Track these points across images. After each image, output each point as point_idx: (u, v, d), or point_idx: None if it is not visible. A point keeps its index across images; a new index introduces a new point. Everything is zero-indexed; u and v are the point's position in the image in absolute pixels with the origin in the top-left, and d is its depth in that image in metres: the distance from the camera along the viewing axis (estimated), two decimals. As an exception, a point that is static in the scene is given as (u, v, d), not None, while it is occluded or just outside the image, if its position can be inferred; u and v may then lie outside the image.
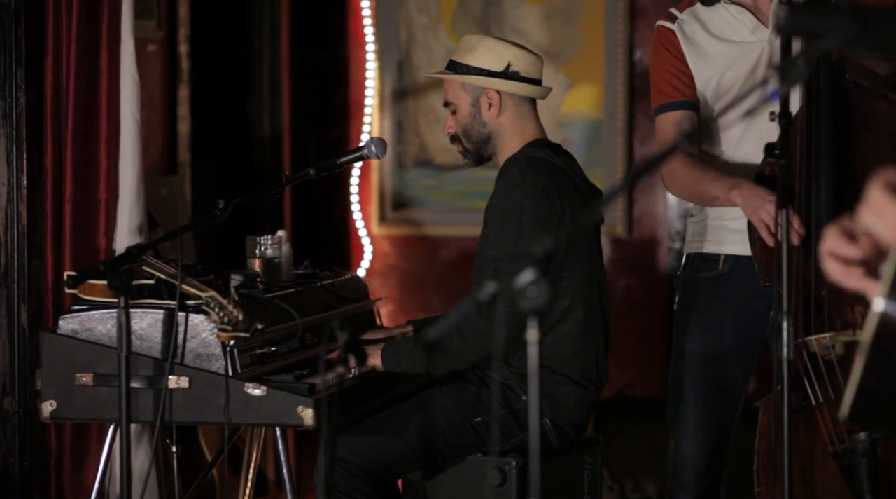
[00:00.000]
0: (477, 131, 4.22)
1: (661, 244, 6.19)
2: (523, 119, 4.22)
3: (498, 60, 4.19)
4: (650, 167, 2.52)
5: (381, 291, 5.34)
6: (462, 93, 4.23)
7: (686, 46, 4.19)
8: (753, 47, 4.11)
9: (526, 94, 4.21)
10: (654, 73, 4.28)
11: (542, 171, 4.07)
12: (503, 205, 4.04)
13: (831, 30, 2.38)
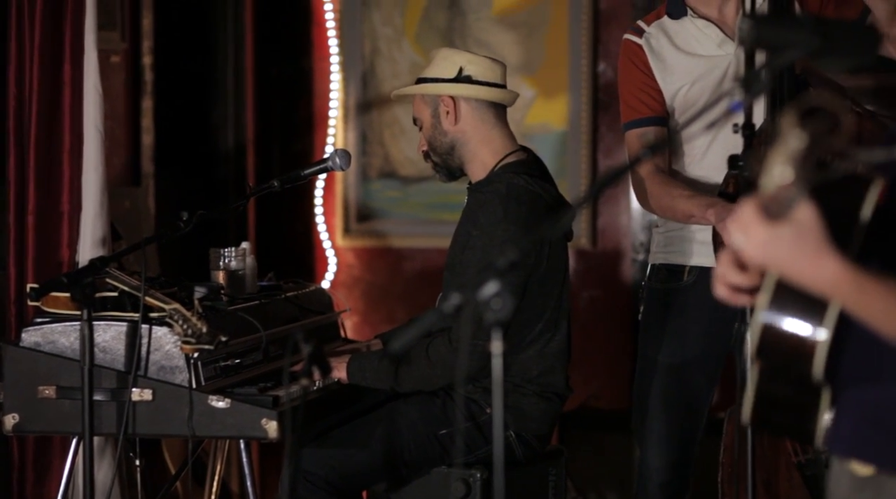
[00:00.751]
0: (440, 142, 4.21)
1: (625, 256, 6.20)
2: (486, 126, 4.20)
3: (450, 67, 4.18)
4: (614, 179, 2.53)
5: (346, 303, 5.33)
6: (423, 105, 4.23)
7: (653, 60, 4.20)
8: (720, 61, 4.13)
9: (479, 96, 4.18)
10: (623, 88, 4.29)
11: (522, 203, 4.05)
12: (484, 240, 4.01)
13: (794, 42, 2.40)
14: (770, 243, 2.16)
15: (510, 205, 4.03)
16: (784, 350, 2.37)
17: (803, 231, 2.16)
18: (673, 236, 4.22)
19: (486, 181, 4.14)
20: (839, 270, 2.19)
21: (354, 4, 6.43)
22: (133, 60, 5.95)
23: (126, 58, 5.91)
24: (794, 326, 2.36)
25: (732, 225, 2.21)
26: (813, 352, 2.35)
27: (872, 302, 2.23)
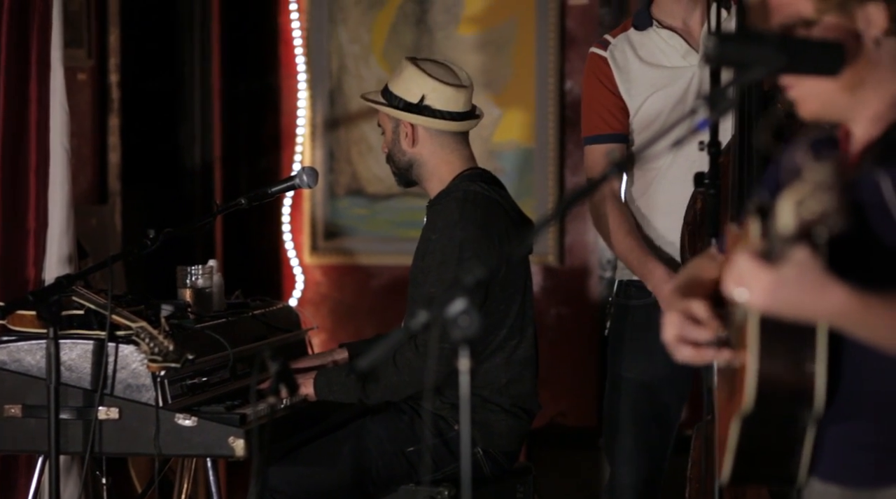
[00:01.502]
0: (398, 158, 4.23)
1: (592, 273, 6.21)
2: (445, 150, 4.20)
3: (415, 91, 4.17)
4: (581, 197, 2.54)
5: (313, 320, 5.32)
6: (386, 118, 4.25)
7: (617, 73, 4.22)
8: (683, 72, 4.15)
9: (437, 128, 4.18)
10: (586, 102, 4.31)
11: (479, 206, 4.07)
12: (443, 242, 4.03)
13: (760, 60, 2.41)
14: (776, 288, 2.17)
15: (466, 207, 4.05)
16: (783, 395, 2.37)
17: (804, 268, 2.17)
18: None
19: (444, 192, 4.16)
20: (845, 298, 2.21)
21: (321, 21, 6.43)
22: (100, 78, 5.94)
23: (93, 75, 5.89)
24: (789, 368, 2.36)
25: (732, 281, 2.22)
26: (812, 388, 2.36)
27: (881, 321, 2.25)
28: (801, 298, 2.19)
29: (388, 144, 4.24)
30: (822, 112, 2.52)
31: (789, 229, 2.11)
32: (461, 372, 2.36)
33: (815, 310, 2.22)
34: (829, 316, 2.24)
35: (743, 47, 2.43)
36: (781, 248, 2.15)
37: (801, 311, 2.22)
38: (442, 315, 2.35)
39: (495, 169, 5.69)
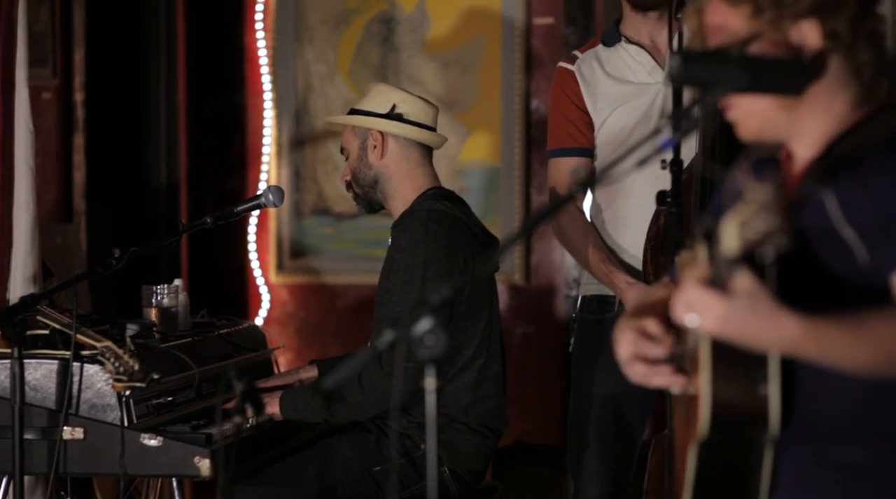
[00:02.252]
0: (364, 174, 4.23)
1: (558, 291, 6.22)
2: (411, 164, 4.22)
3: (384, 102, 4.20)
4: (546, 216, 2.55)
5: (279, 339, 5.31)
6: (352, 136, 4.25)
7: (584, 86, 4.25)
8: (649, 88, 4.17)
9: (408, 136, 4.20)
10: (552, 115, 4.34)
11: (443, 224, 4.08)
12: (406, 261, 4.04)
13: (723, 79, 2.42)
14: (728, 317, 2.19)
15: (430, 226, 4.05)
16: (738, 418, 2.37)
17: (755, 298, 2.19)
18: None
19: (408, 212, 4.17)
20: (796, 327, 2.22)
21: (287, 40, 6.43)
22: (64, 97, 5.93)
23: (57, 94, 5.88)
24: (743, 392, 2.37)
25: (682, 307, 2.23)
26: (766, 411, 2.36)
27: (833, 345, 2.26)
28: (752, 328, 2.21)
29: (353, 164, 4.25)
30: (762, 132, 2.53)
31: (733, 252, 2.12)
32: (427, 391, 2.37)
33: (768, 339, 2.24)
34: (780, 345, 2.26)
35: (707, 66, 2.45)
36: (727, 271, 2.15)
37: (752, 340, 2.24)
38: (408, 334, 2.35)
39: (461, 188, 5.71)
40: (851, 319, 2.28)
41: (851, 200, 2.42)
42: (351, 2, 6.36)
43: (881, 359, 2.30)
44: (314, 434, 4.21)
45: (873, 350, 2.28)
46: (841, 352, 2.28)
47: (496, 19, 6.16)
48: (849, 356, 2.29)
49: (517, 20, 6.12)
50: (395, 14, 6.31)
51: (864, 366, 2.31)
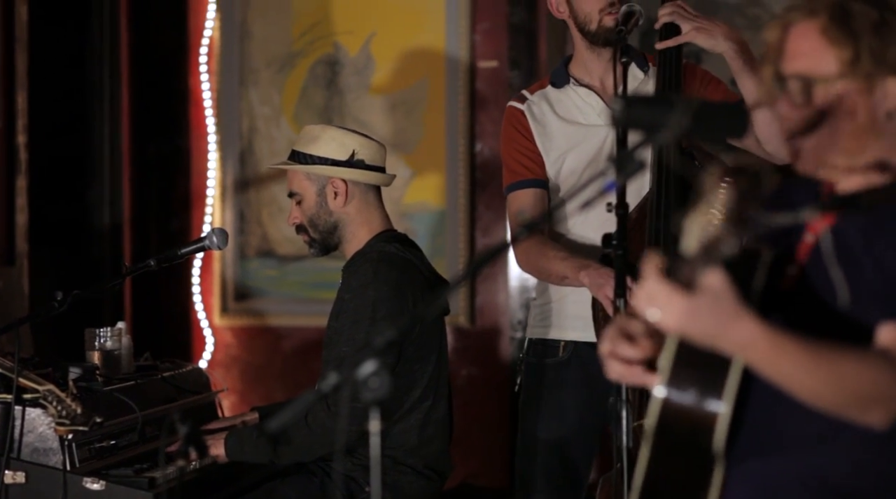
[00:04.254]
0: (324, 221, 4.23)
1: (503, 334, 6.23)
2: (370, 208, 4.24)
3: (342, 149, 4.20)
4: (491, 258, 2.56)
5: (223, 382, 5.29)
6: (307, 183, 4.24)
7: (534, 127, 4.26)
8: (599, 130, 4.20)
9: (372, 182, 4.22)
10: (505, 153, 4.35)
11: (394, 266, 4.09)
12: (356, 302, 4.04)
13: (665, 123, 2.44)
14: (689, 314, 2.20)
15: (381, 267, 4.06)
16: (683, 425, 2.39)
17: (719, 297, 2.20)
18: (548, 310, 4.26)
19: (359, 254, 4.17)
20: (756, 329, 2.24)
21: (232, 83, 6.43)
22: (7, 139, 5.89)
23: (0, 136, 5.85)
24: (694, 401, 2.39)
25: (644, 301, 2.24)
26: (713, 425, 2.38)
27: (789, 361, 2.27)
28: (713, 325, 2.22)
29: (310, 210, 4.23)
30: (820, 167, 2.56)
31: (692, 250, 2.14)
32: (372, 433, 2.36)
33: (727, 337, 2.24)
34: (738, 345, 2.26)
35: (648, 111, 2.47)
36: (690, 268, 2.17)
37: (711, 338, 2.24)
38: (353, 376, 2.35)
39: (406, 230, 5.71)
40: (817, 345, 2.29)
41: (853, 244, 2.44)
42: (296, 44, 6.37)
43: (835, 393, 2.31)
44: (258, 477, 4.19)
45: (829, 381, 2.29)
46: (796, 370, 2.28)
47: (440, 62, 6.18)
48: (803, 377, 2.29)
49: (461, 62, 6.15)
50: (340, 56, 6.32)
51: (816, 393, 2.31)
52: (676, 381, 2.39)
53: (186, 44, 6.49)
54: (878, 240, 2.44)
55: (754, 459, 2.48)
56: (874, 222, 2.47)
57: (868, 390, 2.31)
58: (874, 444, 2.45)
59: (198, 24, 6.45)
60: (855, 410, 2.34)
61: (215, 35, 6.44)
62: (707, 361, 2.36)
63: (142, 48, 6.51)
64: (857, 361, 2.31)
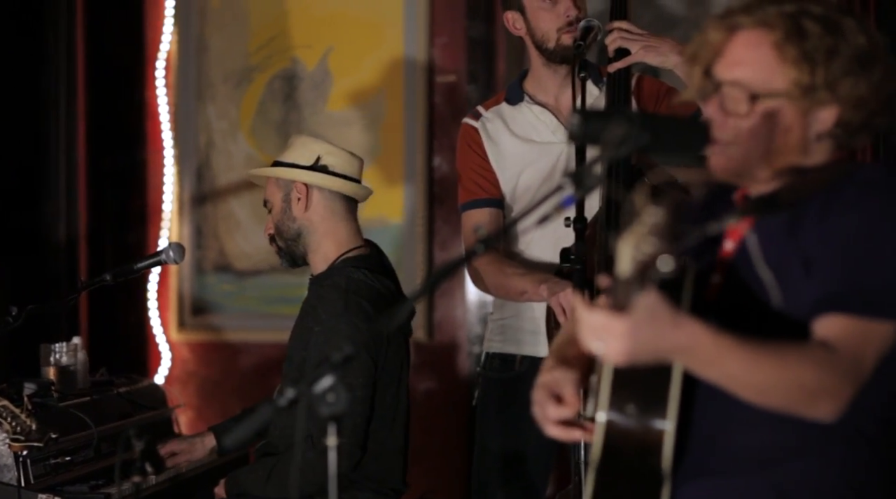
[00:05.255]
0: (287, 227, 4.21)
1: (461, 348, 6.22)
2: (335, 218, 4.21)
3: (308, 154, 4.19)
4: (449, 272, 2.55)
5: (180, 398, 5.26)
6: (275, 189, 4.23)
7: (488, 145, 4.27)
8: (553, 148, 4.20)
9: (332, 187, 4.20)
10: (461, 171, 4.35)
11: (363, 296, 4.05)
12: (327, 335, 3.99)
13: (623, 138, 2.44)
14: (631, 332, 2.20)
15: (350, 298, 4.03)
16: (630, 447, 2.39)
17: (655, 309, 2.20)
18: (506, 325, 4.27)
19: (327, 274, 4.14)
20: (696, 330, 2.24)
21: (189, 97, 6.41)
22: (-38, 153, 5.86)
23: (-45, 150, 5.81)
24: (638, 422, 2.38)
25: (586, 333, 2.24)
26: (660, 445, 2.38)
27: (731, 358, 2.27)
28: (655, 336, 2.21)
29: (276, 217, 4.22)
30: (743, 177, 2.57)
31: (627, 272, 2.14)
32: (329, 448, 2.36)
33: (672, 344, 2.24)
34: (681, 349, 2.25)
35: (605, 126, 2.47)
36: (624, 291, 2.17)
37: (657, 349, 2.24)
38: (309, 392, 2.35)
39: (364, 245, 5.69)
40: (759, 342, 2.30)
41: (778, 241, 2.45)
42: (253, 59, 6.36)
43: (781, 388, 2.30)
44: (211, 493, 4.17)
45: (774, 376, 2.29)
46: (740, 367, 2.28)
47: (398, 76, 6.18)
48: (748, 375, 2.29)
49: (419, 77, 6.15)
50: (298, 71, 6.31)
51: (762, 390, 2.31)
52: (618, 404, 2.39)
53: (143, 57, 6.46)
54: (801, 235, 2.46)
55: (706, 477, 2.48)
56: (794, 219, 2.48)
57: (813, 382, 2.31)
58: (829, 455, 2.45)
59: (155, 37, 6.43)
60: (802, 404, 2.34)
61: (172, 49, 6.42)
62: (646, 381, 2.36)
63: (98, 61, 6.48)
64: (798, 354, 2.31)
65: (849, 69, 2.48)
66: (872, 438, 2.48)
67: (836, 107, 2.51)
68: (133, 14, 6.48)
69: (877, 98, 2.52)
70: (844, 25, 2.51)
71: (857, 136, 2.56)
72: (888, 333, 2.39)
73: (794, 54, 2.49)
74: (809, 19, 2.50)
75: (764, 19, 2.53)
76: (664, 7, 5.72)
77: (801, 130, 2.53)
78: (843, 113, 2.51)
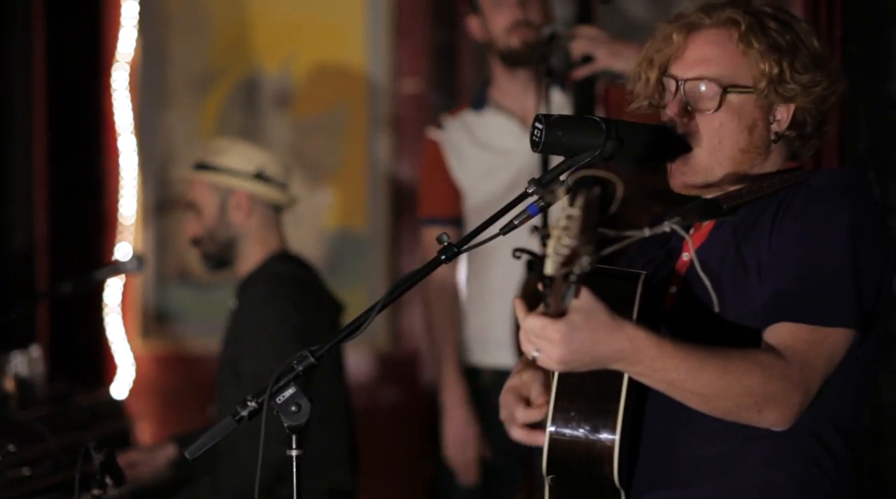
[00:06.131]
0: (222, 234, 4.18)
1: (424, 357, 6.20)
2: (269, 226, 4.20)
3: (250, 163, 4.17)
4: (412, 282, 2.53)
5: (140, 408, 5.22)
6: (209, 194, 4.19)
7: (451, 155, 4.26)
8: (517, 156, 4.19)
9: (276, 200, 4.19)
10: (423, 183, 4.35)
11: (288, 285, 4.05)
12: (253, 321, 3.99)
13: (589, 146, 2.42)
14: (567, 336, 2.16)
15: (276, 286, 4.03)
16: (578, 458, 2.36)
17: (590, 312, 2.17)
18: (472, 336, 4.25)
19: (255, 274, 4.13)
20: (637, 334, 2.21)
21: (150, 103, 6.37)
22: (-81, 161, 5.80)
23: (-89, 158, 5.76)
24: (585, 433, 2.36)
25: (523, 340, 2.20)
26: (608, 455, 2.35)
27: (674, 364, 2.25)
28: (592, 341, 2.18)
29: (209, 222, 4.19)
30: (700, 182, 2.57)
31: (551, 273, 2.09)
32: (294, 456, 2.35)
33: (610, 349, 2.20)
34: (621, 354, 2.22)
35: (571, 134, 2.44)
36: (556, 295, 2.12)
37: (595, 355, 2.20)
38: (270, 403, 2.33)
39: (325, 254, 5.68)
40: (703, 347, 2.28)
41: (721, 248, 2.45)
42: (215, 65, 6.32)
43: (726, 395, 2.29)
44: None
45: (718, 383, 2.27)
46: (683, 373, 2.26)
47: (362, 83, 6.16)
48: (692, 381, 2.27)
49: (383, 83, 6.13)
50: (260, 78, 6.28)
51: (706, 398, 2.29)
52: (563, 416, 2.36)
53: (104, 64, 6.41)
54: (752, 242, 2.46)
55: (665, 488, 2.46)
56: (743, 225, 2.49)
57: (759, 389, 2.29)
58: (790, 467, 2.44)
59: (115, 44, 6.38)
60: (749, 412, 2.32)
61: (133, 55, 6.37)
62: (593, 390, 2.34)
63: (58, 68, 6.42)
64: (745, 361, 2.30)
65: (808, 65, 2.51)
66: (834, 450, 2.47)
67: (793, 104, 2.52)
68: (93, 21, 6.43)
69: (831, 96, 2.54)
70: (798, 27, 2.54)
71: (809, 141, 2.58)
72: (838, 340, 2.39)
73: (760, 47, 2.50)
74: (767, 17, 2.53)
75: (724, 17, 2.55)
76: (628, 13, 5.72)
77: (764, 128, 2.54)
78: (799, 112, 2.53)
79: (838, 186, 2.48)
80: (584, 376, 2.30)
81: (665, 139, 2.54)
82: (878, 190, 4.04)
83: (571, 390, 2.35)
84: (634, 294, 2.41)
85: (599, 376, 2.30)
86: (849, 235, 2.40)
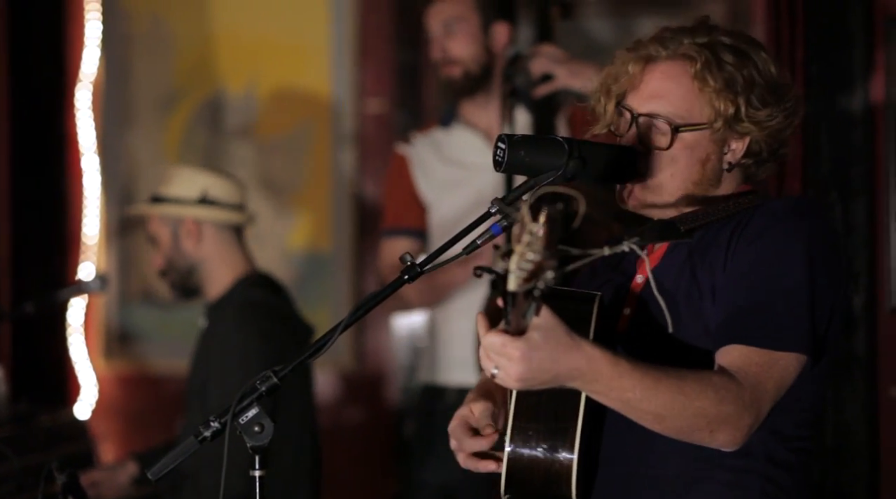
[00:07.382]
0: (180, 263, 4.17)
1: (389, 376, 6.20)
2: (227, 249, 4.18)
3: (192, 188, 4.15)
4: (376, 302, 2.53)
5: (104, 429, 5.20)
6: (162, 226, 4.18)
7: (417, 171, 4.27)
8: (483, 173, 4.20)
9: (224, 220, 4.16)
10: (387, 196, 4.36)
11: (259, 312, 4.03)
12: (224, 348, 3.97)
13: (552, 166, 2.43)
14: (527, 354, 2.16)
15: (245, 313, 4.01)
16: (536, 478, 2.37)
17: (550, 330, 2.18)
18: (438, 356, 4.25)
19: (225, 299, 4.11)
20: (594, 353, 2.22)
21: (114, 123, 6.35)
22: None
23: None
24: (543, 452, 2.36)
25: (482, 357, 2.21)
26: (566, 474, 2.36)
27: (629, 383, 2.26)
28: (551, 359, 2.18)
29: (167, 253, 4.18)
30: (656, 202, 2.57)
31: (514, 288, 2.10)
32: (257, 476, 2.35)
33: (568, 368, 2.21)
34: (578, 373, 2.22)
35: (533, 154, 2.45)
36: (517, 312, 2.12)
37: (554, 374, 2.20)
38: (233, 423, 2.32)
39: (290, 274, 5.67)
40: (658, 367, 2.29)
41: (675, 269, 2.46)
42: (178, 85, 6.31)
43: (679, 415, 2.29)
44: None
45: (672, 403, 2.28)
46: (638, 393, 2.26)
47: (326, 103, 6.16)
48: (646, 401, 2.27)
49: (347, 104, 6.13)
50: (223, 98, 6.28)
51: (660, 417, 2.30)
52: (521, 435, 2.37)
53: (67, 84, 6.40)
54: (707, 263, 2.47)
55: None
56: (698, 248, 2.50)
57: (712, 410, 2.30)
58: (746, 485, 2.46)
59: (79, 63, 6.37)
60: (702, 433, 2.34)
61: (97, 74, 6.36)
62: (551, 410, 2.34)
63: (21, 88, 6.40)
64: (699, 382, 2.31)
65: (765, 100, 2.52)
66: (788, 467, 2.49)
67: (748, 137, 2.54)
68: (56, 40, 6.42)
69: (788, 127, 2.56)
70: (755, 56, 2.55)
71: (765, 166, 2.60)
72: (789, 364, 2.40)
73: (716, 85, 2.51)
74: (724, 50, 2.53)
75: (681, 51, 2.55)
76: (590, 33, 5.74)
77: (717, 160, 2.56)
78: (754, 143, 2.55)
79: (795, 210, 2.50)
80: (542, 395, 2.30)
81: (627, 160, 2.55)
82: (840, 210, 4.07)
83: (529, 410, 2.35)
84: (590, 315, 2.42)
85: (557, 395, 2.31)
86: (804, 260, 2.42)
